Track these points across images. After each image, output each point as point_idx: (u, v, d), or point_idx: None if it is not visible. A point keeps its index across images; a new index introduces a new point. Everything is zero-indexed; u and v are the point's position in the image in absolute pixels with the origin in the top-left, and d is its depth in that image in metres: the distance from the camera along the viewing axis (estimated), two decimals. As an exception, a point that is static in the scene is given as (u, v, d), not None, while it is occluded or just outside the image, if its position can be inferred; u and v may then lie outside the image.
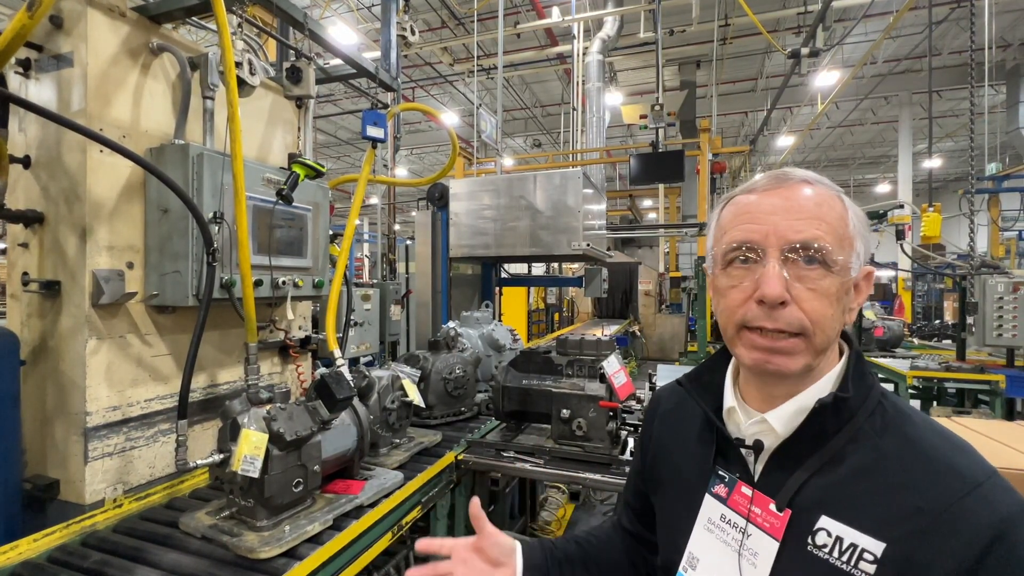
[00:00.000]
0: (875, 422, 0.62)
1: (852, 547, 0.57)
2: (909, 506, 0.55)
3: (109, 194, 1.64)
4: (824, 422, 0.63)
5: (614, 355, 2.08)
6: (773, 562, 0.62)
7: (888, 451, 0.60)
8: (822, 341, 0.63)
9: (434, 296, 3.72)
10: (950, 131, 14.85)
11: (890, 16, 7.15)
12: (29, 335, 1.66)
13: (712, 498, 0.71)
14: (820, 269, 0.62)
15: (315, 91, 2.09)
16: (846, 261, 0.63)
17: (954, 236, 6.04)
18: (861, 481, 0.59)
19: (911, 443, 0.60)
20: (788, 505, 0.63)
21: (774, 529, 0.63)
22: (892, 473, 0.58)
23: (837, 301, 0.63)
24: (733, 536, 0.67)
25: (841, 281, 0.63)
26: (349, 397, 1.58)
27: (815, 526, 0.60)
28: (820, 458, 0.62)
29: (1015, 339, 4.07)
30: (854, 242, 0.64)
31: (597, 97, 8.76)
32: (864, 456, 0.60)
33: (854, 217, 0.65)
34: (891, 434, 0.61)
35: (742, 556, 0.65)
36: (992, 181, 7.09)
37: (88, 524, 1.47)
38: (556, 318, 10.56)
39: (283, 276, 1.91)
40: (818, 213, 0.64)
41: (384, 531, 1.64)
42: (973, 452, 0.60)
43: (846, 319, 0.65)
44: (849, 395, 0.62)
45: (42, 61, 1.62)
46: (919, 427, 0.61)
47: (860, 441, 0.61)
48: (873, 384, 0.65)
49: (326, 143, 15.77)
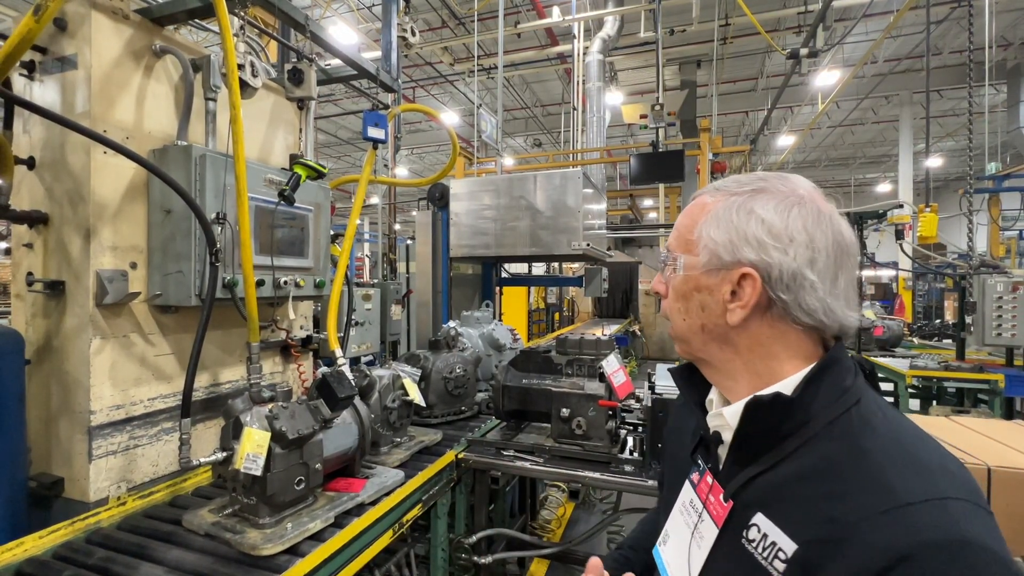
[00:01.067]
0: (833, 430, 0.61)
1: (772, 544, 0.58)
2: (828, 514, 0.55)
3: (113, 195, 1.65)
4: (770, 421, 0.64)
5: (613, 354, 2.10)
6: (711, 547, 0.67)
7: (833, 459, 0.59)
8: (678, 330, 0.75)
9: (435, 296, 3.74)
10: (951, 130, 14.83)
11: (891, 16, 7.15)
12: (34, 335, 1.68)
13: (688, 484, 0.76)
14: (671, 269, 0.75)
15: (316, 92, 2.10)
16: (679, 261, 0.73)
17: (955, 236, 6.04)
18: (797, 485, 0.60)
19: (858, 454, 0.58)
20: (732, 497, 0.66)
21: (718, 517, 0.67)
22: (827, 481, 0.58)
23: (683, 296, 0.73)
24: (692, 519, 0.73)
25: (682, 278, 0.72)
26: (350, 396, 1.59)
27: (750, 521, 0.62)
28: (771, 457, 0.64)
29: (1014, 339, 4.08)
30: (696, 245, 0.71)
31: (597, 97, 8.76)
32: (808, 461, 0.61)
33: (711, 223, 0.69)
34: (843, 443, 0.60)
35: (693, 538, 0.71)
36: (992, 181, 7.09)
37: (92, 521, 1.49)
38: (556, 318, 10.57)
39: (285, 276, 1.92)
40: (677, 224, 0.75)
41: (385, 529, 1.66)
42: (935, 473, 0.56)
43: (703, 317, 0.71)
44: (792, 397, 0.63)
45: (46, 63, 1.64)
46: (878, 439, 0.59)
47: (810, 445, 0.61)
48: (845, 392, 0.64)
49: (327, 143, 15.78)
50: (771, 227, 0.65)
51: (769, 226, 0.66)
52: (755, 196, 0.68)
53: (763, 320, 0.67)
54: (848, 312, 0.66)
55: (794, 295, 0.64)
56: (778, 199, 0.67)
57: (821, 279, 0.64)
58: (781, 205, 0.66)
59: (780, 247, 0.65)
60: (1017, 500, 1.68)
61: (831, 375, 0.64)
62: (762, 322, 0.67)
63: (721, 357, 0.71)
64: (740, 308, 0.67)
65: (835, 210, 0.68)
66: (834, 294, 0.65)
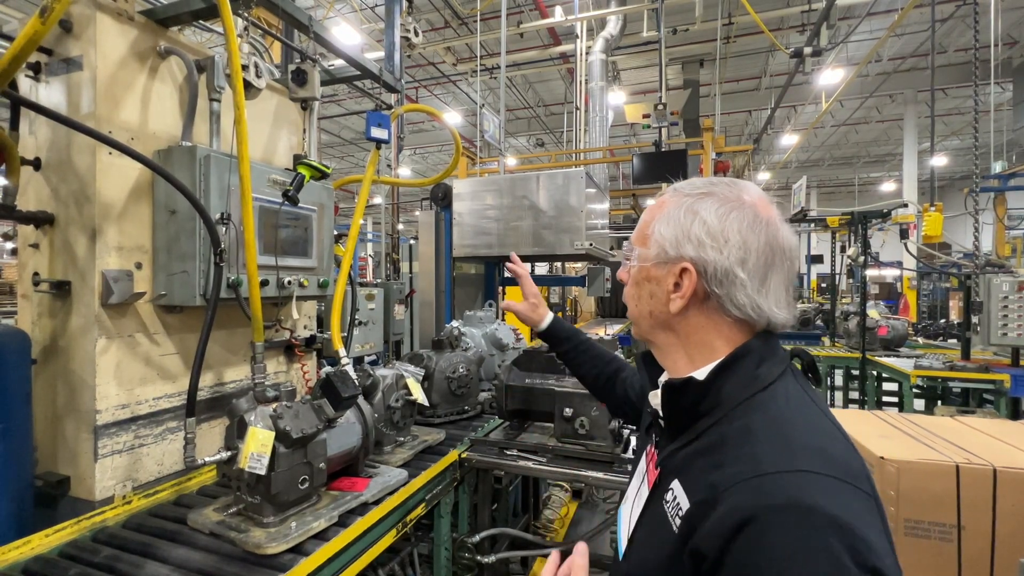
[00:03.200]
0: (736, 412, 0.69)
1: (677, 504, 0.68)
2: (710, 480, 0.64)
3: (118, 196, 1.66)
4: (683, 402, 0.74)
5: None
6: (643, 505, 0.78)
7: (727, 437, 0.68)
8: (632, 314, 0.85)
9: (438, 296, 3.74)
10: (955, 129, 14.75)
11: (895, 14, 7.11)
12: (40, 335, 1.69)
13: (644, 454, 0.89)
14: (630, 261, 0.84)
15: (320, 93, 2.10)
16: (637, 254, 0.81)
17: (959, 235, 6.01)
18: (702, 457, 0.69)
19: (746, 432, 0.66)
20: (659, 466, 0.76)
21: (650, 482, 0.79)
22: (718, 454, 0.66)
23: (636, 285, 0.82)
24: (639, 483, 0.85)
25: (637, 268, 0.82)
26: (354, 396, 1.59)
27: (669, 486, 0.71)
28: (690, 434, 0.73)
29: (1020, 338, 4.05)
30: (648, 240, 0.79)
31: (600, 96, 8.74)
32: (711, 438, 0.69)
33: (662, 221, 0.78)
34: (738, 423, 0.68)
35: (636, 499, 0.83)
36: (998, 180, 7.05)
37: (98, 520, 1.50)
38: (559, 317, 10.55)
39: (289, 276, 1.93)
40: (640, 219, 0.84)
41: (388, 528, 1.66)
42: (796, 450, 0.62)
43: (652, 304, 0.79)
44: (700, 381, 0.72)
45: (52, 65, 1.65)
46: (765, 420, 0.67)
47: (718, 425, 0.70)
48: (756, 378, 0.71)
49: (330, 143, 15.81)
50: (710, 228, 0.73)
51: (708, 227, 0.73)
52: (702, 199, 0.76)
53: (700, 311, 0.75)
54: (776, 309, 0.72)
55: (726, 290, 0.72)
56: (720, 203, 0.74)
57: (751, 278, 0.71)
58: (722, 208, 0.74)
59: (716, 246, 0.72)
60: (1023, 501, 1.67)
61: (743, 363, 0.72)
62: (699, 313, 0.75)
63: (665, 341, 0.81)
64: (680, 298, 0.75)
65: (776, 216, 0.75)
66: (762, 292, 0.72)
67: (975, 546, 1.68)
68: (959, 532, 1.70)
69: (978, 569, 1.68)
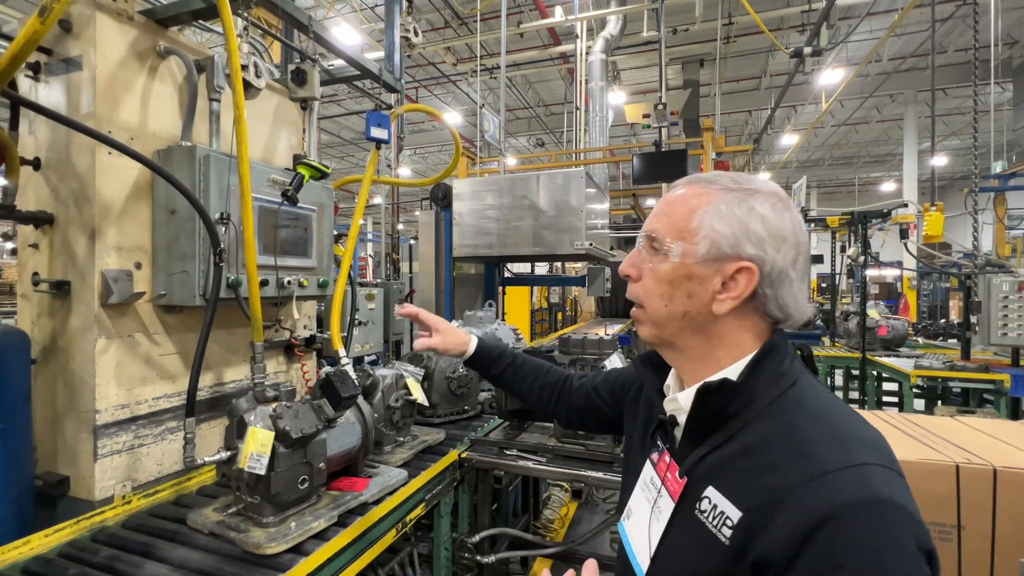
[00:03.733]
0: (771, 410, 0.67)
1: (721, 513, 0.64)
2: (766, 483, 0.61)
3: (118, 195, 1.66)
4: (718, 404, 0.69)
5: (616, 354, 2.10)
6: (669, 518, 0.72)
7: (769, 435, 0.65)
8: (653, 314, 0.76)
9: (437, 296, 3.74)
10: (956, 129, 14.75)
11: (895, 14, 7.11)
12: (40, 334, 1.69)
13: (649, 463, 0.82)
14: (658, 255, 0.75)
15: (319, 93, 2.10)
16: (676, 249, 0.73)
17: (959, 235, 6.01)
18: (742, 459, 0.66)
19: (789, 429, 0.64)
20: (686, 474, 0.71)
21: (674, 492, 0.73)
22: (764, 455, 0.64)
23: (669, 282, 0.73)
24: (652, 495, 0.78)
25: (674, 265, 0.73)
26: (354, 395, 1.59)
27: (702, 494, 0.68)
28: (719, 437, 0.69)
29: (1020, 338, 4.05)
30: (695, 235, 0.71)
31: (600, 96, 8.74)
32: (749, 438, 0.67)
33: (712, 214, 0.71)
34: (778, 421, 0.66)
35: (653, 512, 0.76)
36: (998, 179, 7.05)
37: (98, 520, 1.50)
38: (559, 317, 10.56)
39: (288, 276, 1.93)
40: (667, 210, 0.76)
41: (388, 528, 1.66)
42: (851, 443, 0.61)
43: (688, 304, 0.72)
44: (738, 382, 0.68)
45: (52, 64, 1.65)
46: (807, 416, 0.65)
47: (752, 424, 0.67)
48: (783, 375, 0.69)
49: (330, 143, 15.81)
50: (770, 225, 0.70)
51: (768, 224, 0.70)
52: (753, 195, 0.72)
53: (741, 311, 0.72)
54: (806, 306, 0.73)
55: (775, 290, 0.70)
56: (772, 200, 0.72)
57: (798, 277, 0.71)
58: (777, 205, 0.71)
59: (775, 245, 0.69)
60: (1023, 500, 1.67)
61: (771, 360, 0.70)
62: (740, 313, 0.72)
63: (691, 344, 0.75)
64: (731, 299, 0.70)
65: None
66: (801, 290, 0.72)
67: (975, 546, 1.68)
68: (959, 532, 1.70)
69: (978, 569, 1.68)
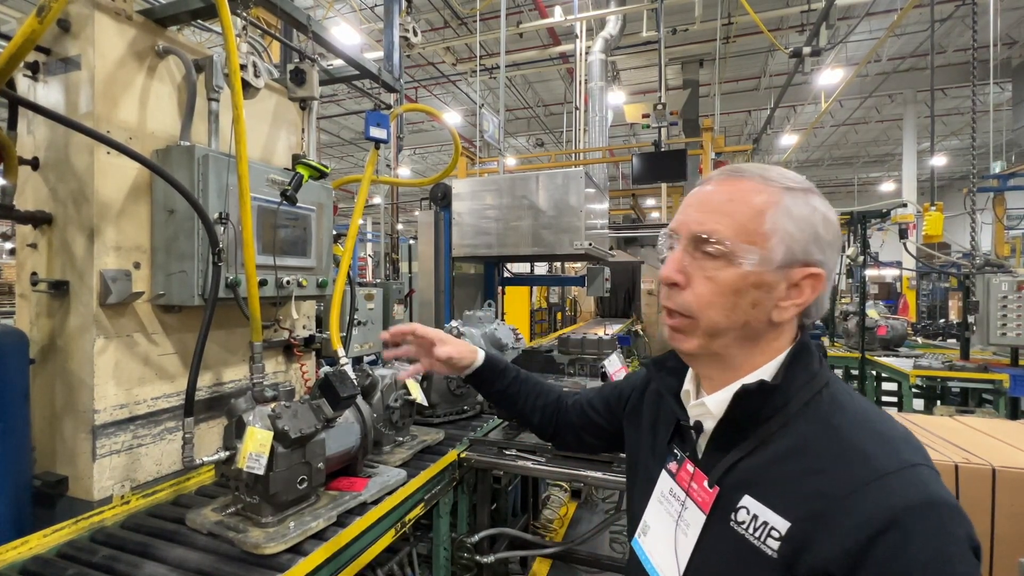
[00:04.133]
0: (807, 412, 0.65)
1: (764, 524, 0.60)
2: (814, 489, 0.58)
3: (116, 195, 1.66)
4: (753, 407, 0.66)
5: (615, 354, 2.10)
6: (700, 532, 0.67)
7: (810, 438, 0.62)
8: (709, 325, 0.67)
9: (437, 295, 3.74)
10: (955, 129, 14.75)
11: (894, 14, 7.11)
12: (38, 334, 1.69)
13: (666, 473, 0.77)
14: (719, 260, 0.66)
15: (319, 92, 2.10)
16: (750, 256, 0.65)
17: (959, 235, 6.01)
18: (781, 465, 0.62)
19: (832, 431, 0.62)
20: (717, 483, 0.67)
21: (704, 503, 0.68)
22: (808, 459, 0.61)
23: (734, 292, 0.66)
24: (675, 508, 0.73)
25: (742, 273, 0.65)
26: (353, 395, 1.59)
27: (738, 504, 0.64)
28: (752, 441, 0.66)
29: (1019, 338, 4.06)
30: (769, 239, 0.65)
31: (600, 96, 8.75)
32: (788, 442, 0.63)
33: (784, 216, 0.65)
34: (817, 423, 0.63)
35: (678, 526, 0.71)
36: (997, 179, 7.05)
37: (96, 520, 1.49)
38: (559, 317, 10.56)
39: (287, 276, 1.93)
40: (727, 209, 0.67)
41: (387, 528, 1.66)
42: (899, 444, 0.60)
43: (752, 313, 0.66)
44: (776, 384, 0.65)
45: (50, 64, 1.65)
46: (847, 417, 0.63)
47: (789, 427, 0.64)
48: (815, 375, 0.67)
49: (329, 143, 15.81)
50: (830, 227, 0.67)
51: (828, 226, 0.67)
52: (809, 193, 0.67)
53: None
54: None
55: (821, 293, 0.67)
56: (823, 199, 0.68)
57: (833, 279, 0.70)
58: (829, 206, 0.68)
59: (833, 248, 0.67)
60: (1022, 500, 1.67)
61: (802, 361, 0.68)
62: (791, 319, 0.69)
63: (738, 352, 0.69)
64: (795, 307, 0.66)
65: None
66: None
67: (974, 546, 1.68)
68: (958, 532, 1.69)
69: (977, 569, 1.67)
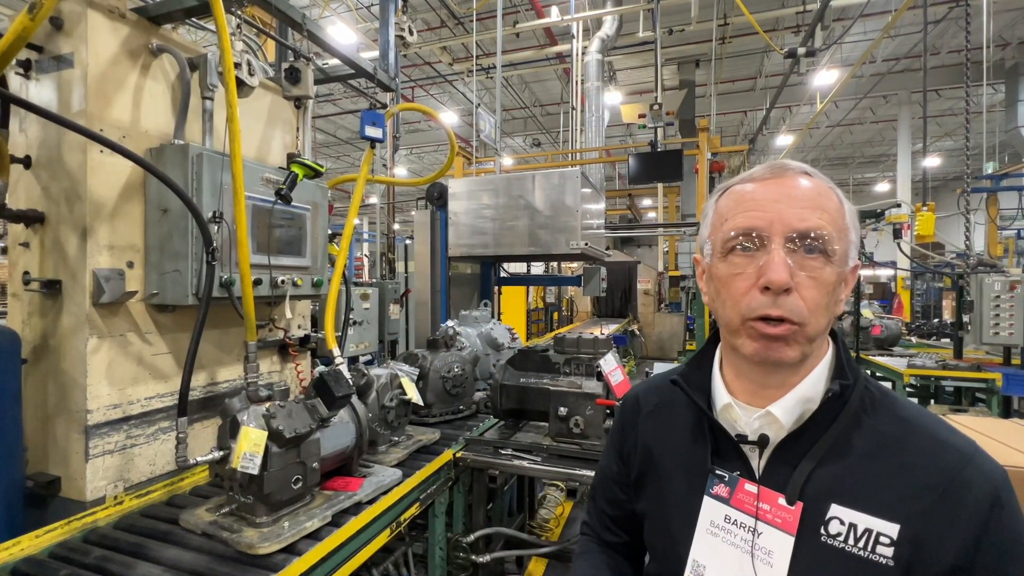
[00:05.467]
0: (866, 406, 0.64)
1: (867, 532, 0.57)
2: (916, 484, 0.57)
3: (109, 194, 1.65)
4: (836, 411, 0.64)
5: (611, 353, 2.10)
6: (791, 555, 0.60)
7: (887, 433, 0.61)
8: (815, 331, 0.63)
9: (433, 295, 3.73)
10: (950, 130, 14.84)
11: (889, 15, 7.15)
12: (30, 334, 1.68)
13: (712, 500, 0.68)
14: (821, 258, 0.63)
15: (314, 91, 2.10)
16: (844, 252, 0.64)
17: (954, 235, 6.05)
18: (867, 465, 0.60)
19: (906, 423, 0.62)
20: (799, 497, 0.61)
21: (787, 524, 0.61)
22: (895, 453, 0.60)
23: (832, 291, 0.63)
24: (742, 537, 0.65)
25: (838, 271, 0.64)
26: (347, 395, 1.59)
27: (827, 516, 0.59)
28: (822, 446, 0.62)
29: (1012, 337, 4.08)
30: (849, 234, 0.65)
31: (596, 96, 8.77)
32: (866, 440, 0.62)
33: (848, 210, 0.67)
34: (885, 416, 0.63)
35: (756, 556, 0.63)
36: (990, 180, 7.09)
37: (89, 521, 1.49)
38: (555, 317, 10.57)
39: (282, 275, 1.92)
40: (820, 203, 0.64)
41: (382, 528, 1.66)
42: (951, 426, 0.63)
43: (835, 310, 0.66)
44: (851, 383, 0.64)
45: (43, 62, 1.64)
46: (907, 407, 0.65)
47: (860, 426, 0.62)
48: (858, 370, 0.68)
49: (326, 143, 15.76)
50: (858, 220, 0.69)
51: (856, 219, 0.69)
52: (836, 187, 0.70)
53: None
54: None
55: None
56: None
57: None
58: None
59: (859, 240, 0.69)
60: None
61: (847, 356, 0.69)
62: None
63: (808, 352, 0.65)
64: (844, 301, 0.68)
65: None
66: None
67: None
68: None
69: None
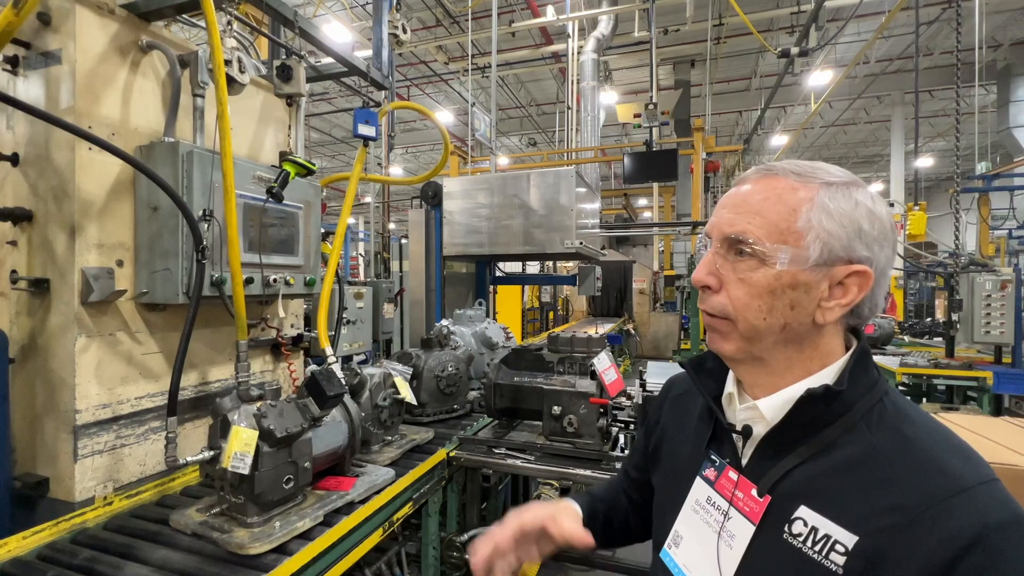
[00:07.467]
0: (871, 418, 0.61)
1: (825, 537, 0.57)
2: (888, 502, 0.55)
3: (98, 192, 1.63)
4: (815, 412, 0.62)
5: (604, 352, 2.10)
6: (747, 545, 0.64)
7: (880, 447, 0.59)
8: (747, 329, 0.65)
9: (428, 294, 3.73)
10: (942, 130, 14.95)
11: (882, 16, 7.19)
12: (18, 333, 1.66)
13: (702, 480, 0.73)
14: (752, 260, 0.64)
15: (306, 89, 2.08)
16: (781, 255, 0.62)
17: (947, 235, 6.09)
18: (846, 474, 0.59)
19: (906, 441, 0.59)
20: (769, 491, 0.63)
21: (752, 513, 0.64)
22: (879, 469, 0.58)
23: (770, 293, 0.63)
24: (715, 518, 0.69)
25: (775, 273, 0.62)
26: (340, 394, 1.58)
27: (793, 515, 0.60)
28: (809, 448, 0.62)
29: (1002, 336, 4.12)
30: (803, 237, 0.62)
31: (592, 96, 8.78)
32: (854, 450, 0.60)
33: (820, 212, 0.62)
34: (886, 431, 0.60)
35: (721, 537, 0.67)
36: (982, 180, 7.15)
37: (78, 521, 1.47)
38: (551, 316, 10.59)
39: (274, 274, 1.91)
40: (758, 208, 0.64)
41: (375, 527, 1.65)
42: (976, 458, 0.57)
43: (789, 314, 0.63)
44: (843, 388, 0.61)
45: (30, 58, 1.62)
46: (918, 427, 0.60)
47: (853, 435, 0.61)
48: (877, 381, 0.64)
49: (320, 141, 15.70)
50: (875, 221, 0.63)
51: (880, 221, 0.63)
52: (852, 186, 0.64)
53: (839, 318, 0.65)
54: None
55: (874, 291, 0.63)
56: (870, 192, 0.64)
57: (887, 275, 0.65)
58: (876, 197, 0.64)
59: (880, 243, 0.63)
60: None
61: (864, 365, 0.65)
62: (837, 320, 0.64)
63: (781, 356, 0.66)
64: (840, 307, 0.63)
65: None
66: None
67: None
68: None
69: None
